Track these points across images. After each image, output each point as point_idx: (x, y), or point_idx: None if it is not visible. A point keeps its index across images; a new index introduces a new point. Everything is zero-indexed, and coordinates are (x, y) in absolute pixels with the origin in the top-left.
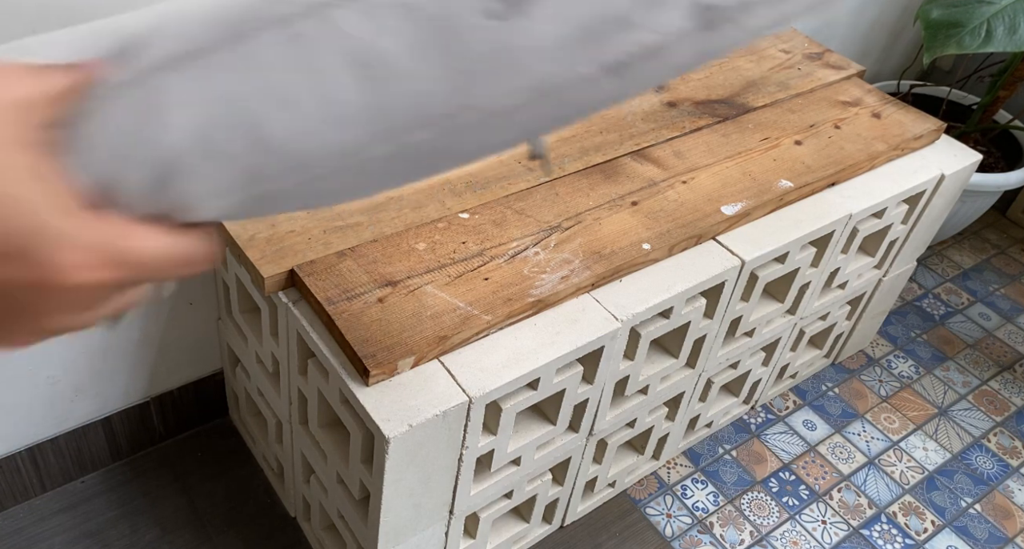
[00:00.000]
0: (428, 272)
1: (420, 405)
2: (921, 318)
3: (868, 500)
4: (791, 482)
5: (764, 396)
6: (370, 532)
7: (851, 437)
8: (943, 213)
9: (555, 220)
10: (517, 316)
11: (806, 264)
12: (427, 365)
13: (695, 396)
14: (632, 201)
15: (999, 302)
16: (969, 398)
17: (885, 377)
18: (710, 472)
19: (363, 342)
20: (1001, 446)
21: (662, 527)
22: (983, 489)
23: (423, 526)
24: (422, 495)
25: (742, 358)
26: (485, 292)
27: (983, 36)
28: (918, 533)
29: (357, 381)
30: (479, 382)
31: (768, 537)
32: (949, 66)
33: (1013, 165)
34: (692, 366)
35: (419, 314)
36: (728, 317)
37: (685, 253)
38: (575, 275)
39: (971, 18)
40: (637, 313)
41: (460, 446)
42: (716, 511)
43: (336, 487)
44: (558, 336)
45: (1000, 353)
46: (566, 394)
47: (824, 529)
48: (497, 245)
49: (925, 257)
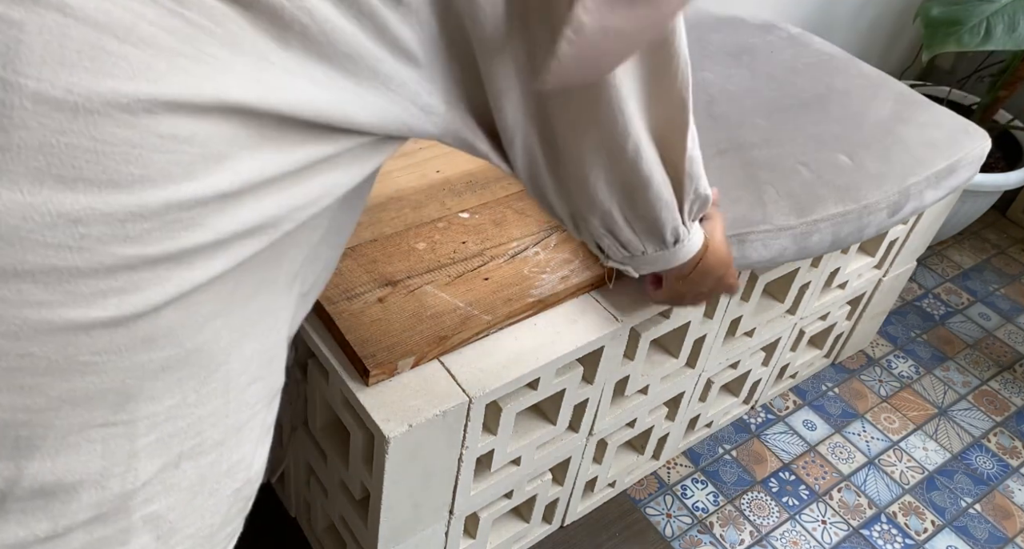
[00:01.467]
0: (428, 272)
1: (420, 405)
2: (921, 318)
3: (868, 500)
4: (791, 482)
5: (764, 396)
6: (370, 532)
7: (851, 437)
8: (943, 213)
9: (555, 220)
10: (517, 316)
11: (806, 264)
12: (427, 365)
13: (695, 396)
14: None
15: (999, 302)
16: (969, 398)
17: (885, 377)
18: (710, 472)
19: (363, 342)
20: (1001, 446)
21: (662, 527)
22: (983, 489)
23: (423, 526)
24: (422, 495)
25: (742, 358)
26: (485, 292)
27: (982, 34)
28: (918, 533)
29: (357, 381)
30: (479, 382)
31: (768, 537)
32: (949, 66)
33: (1013, 165)
34: (692, 366)
35: (419, 314)
36: (728, 317)
37: None
38: (575, 275)
39: (971, 16)
40: (637, 313)
41: (460, 446)
42: (716, 511)
43: (336, 487)
44: (558, 336)
45: (1000, 353)
46: (566, 394)
47: (824, 529)
48: (497, 245)
49: (925, 257)
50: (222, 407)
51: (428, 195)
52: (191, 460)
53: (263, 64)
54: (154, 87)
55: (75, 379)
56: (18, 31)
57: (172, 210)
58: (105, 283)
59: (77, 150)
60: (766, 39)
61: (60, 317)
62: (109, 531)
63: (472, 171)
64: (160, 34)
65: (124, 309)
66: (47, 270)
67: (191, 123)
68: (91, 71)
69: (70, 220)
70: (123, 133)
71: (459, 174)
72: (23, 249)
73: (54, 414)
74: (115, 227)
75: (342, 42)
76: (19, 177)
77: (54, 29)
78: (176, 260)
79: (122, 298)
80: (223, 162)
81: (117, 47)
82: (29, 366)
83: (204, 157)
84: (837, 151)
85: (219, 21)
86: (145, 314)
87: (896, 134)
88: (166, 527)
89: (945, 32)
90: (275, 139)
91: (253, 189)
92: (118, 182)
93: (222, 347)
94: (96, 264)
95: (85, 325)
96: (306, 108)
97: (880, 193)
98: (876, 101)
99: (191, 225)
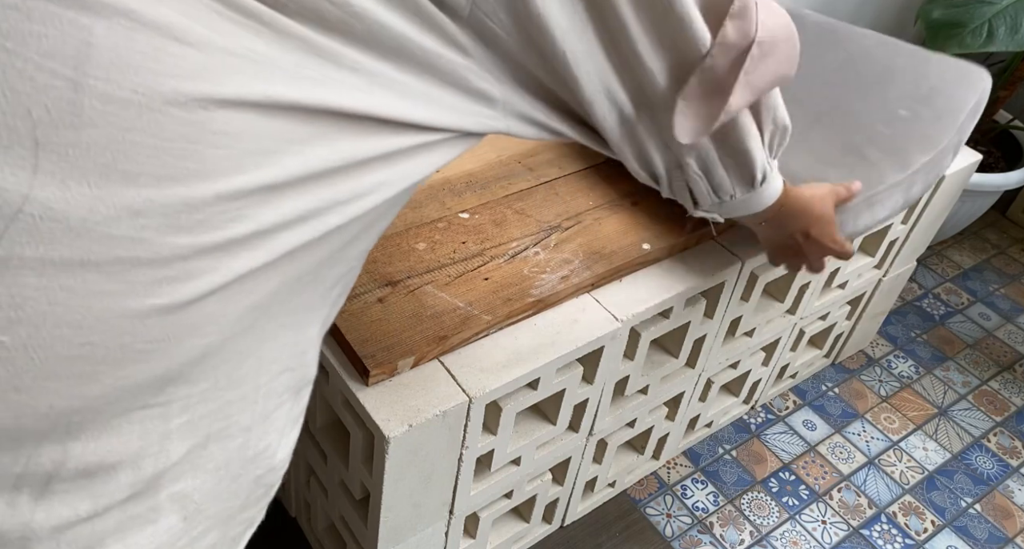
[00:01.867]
0: (428, 272)
1: (420, 405)
2: (921, 318)
3: (868, 500)
4: (791, 482)
5: (764, 396)
6: (370, 532)
7: (851, 437)
8: (943, 213)
9: (555, 220)
10: (517, 316)
11: None
12: (427, 365)
13: (695, 396)
14: (632, 201)
15: (999, 302)
16: (969, 398)
17: (885, 377)
18: (710, 472)
19: (363, 342)
20: (1001, 446)
21: (662, 527)
22: (983, 489)
23: (423, 526)
24: (422, 495)
25: (742, 358)
26: (485, 292)
27: (984, 36)
28: (918, 533)
29: (357, 381)
30: (479, 382)
31: (768, 537)
32: None
33: (1013, 165)
34: (692, 366)
35: (419, 314)
36: (728, 317)
37: (685, 253)
38: (575, 275)
39: (972, 18)
40: (637, 313)
41: (460, 446)
42: (716, 511)
43: (336, 487)
44: (558, 336)
45: (1000, 353)
46: (566, 394)
47: (824, 529)
48: (497, 245)
49: (925, 257)
50: (251, 393)
51: (428, 195)
52: (218, 442)
53: (308, 61)
54: (209, 86)
55: (128, 366)
56: (88, 35)
57: (222, 202)
58: (161, 272)
59: (140, 146)
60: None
61: (120, 306)
62: (140, 509)
63: (472, 171)
64: (213, 36)
65: (176, 297)
66: (111, 260)
67: (242, 119)
68: (154, 72)
69: (132, 212)
70: (181, 130)
71: (459, 174)
72: (90, 240)
73: (105, 400)
74: (171, 218)
75: (388, 37)
76: (88, 172)
77: (121, 34)
78: (223, 250)
79: (175, 287)
80: (271, 156)
81: (177, 49)
82: (89, 354)
83: (253, 152)
84: (895, 107)
85: (266, 22)
86: (194, 302)
87: (927, 83)
88: (192, 507)
89: (947, 34)
90: (323, 135)
91: (297, 182)
92: (175, 176)
93: (258, 336)
94: (154, 254)
95: (141, 313)
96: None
97: (946, 136)
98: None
99: (237, 217)
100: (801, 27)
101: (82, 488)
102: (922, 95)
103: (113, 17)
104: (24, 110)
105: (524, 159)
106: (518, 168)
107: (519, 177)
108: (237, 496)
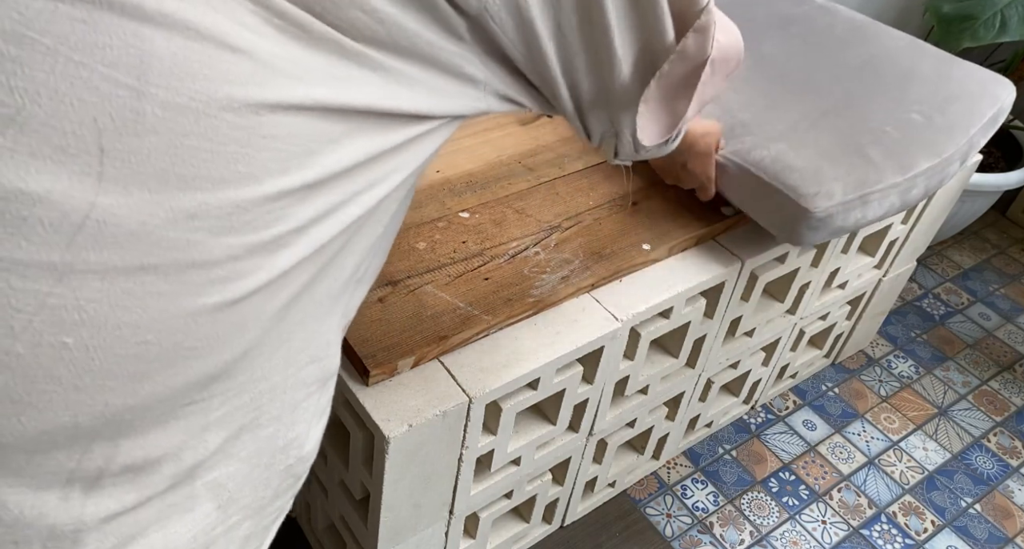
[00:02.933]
0: (428, 272)
1: (420, 405)
2: (921, 318)
3: (868, 500)
4: (791, 482)
5: (764, 396)
6: (370, 532)
7: (851, 437)
8: (943, 213)
9: (555, 220)
10: (517, 316)
11: (806, 264)
12: (427, 365)
13: (695, 396)
14: (632, 201)
15: (999, 302)
16: (969, 398)
17: (885, 377)
18: (710, 472)
19: (363, 342)
20: (1001, 446)
21: (662, 527)
22: (983, 489)
23: (423, 526)
24: (422, 495)
25: (742, 358)
26: (485, 292)
27: (997, 26)
28: (918, 533)
29: (357, 381)
30: (479, 382)
31: (768, 537)
32: None
33: (1013, 165)
34: (692, 366)
35: (419, 314)
36: (728, 317)
37: (685, 253)
38: (575, 275)
39: (984, 9)
40: (637, 313)
41: (460, 446)
42: (716, 511)
43: (336, 487)
44: (558, 336)
45: (1000, 353)
46: (566, 394)
47: (824, 529)
48: (497, 245)
49: (925, 257)
50: (281, 383)
51: (428, 195)
52: (250, 432)
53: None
54: (259, 91)
55: (179, 364)
56: (149, 45)
57: (267, 202)
58: (213, 273)
59: (197, 151)
60: (802, 9)
61: (175, 306)
62: (178, 498)
63: (472, 171)
64: (260, 42)
65: (227, 296)
66: (168, 262)
67: (288, 122)
68: (210, 79)
69: (188, 215)
70: (234, 134)
71: (459, 174)
72: (149, 243)
73: (156, 398)
74: (223, 220)
75: (404, 36)
76: (148, 177)
77: (179, 43)
78: (269, 248)
79: (226, 286)
80: (311, 156)
81: (230, 56)
82: (144, 354)
83: (297, 153)
84: (909, 110)
85: (305, 28)
86: (242, 300)
87: (946, 89)
88: (225, 496)
89: (960, 28)
90: (351, 132)
91: (330, 179)
92: (228, 179)
93: (288, 327)
94: (207, 255)
95: (193, 312)
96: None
97: (954, 145)
98: (917, 61)
99: (281, 216)
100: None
101: (128, 481)
102: (939, 101)
103: (172, 28)
104: (90, 118)
105: (524, 159)
106: (518, 168)
107: (519, 177)
108: (268, 485)
